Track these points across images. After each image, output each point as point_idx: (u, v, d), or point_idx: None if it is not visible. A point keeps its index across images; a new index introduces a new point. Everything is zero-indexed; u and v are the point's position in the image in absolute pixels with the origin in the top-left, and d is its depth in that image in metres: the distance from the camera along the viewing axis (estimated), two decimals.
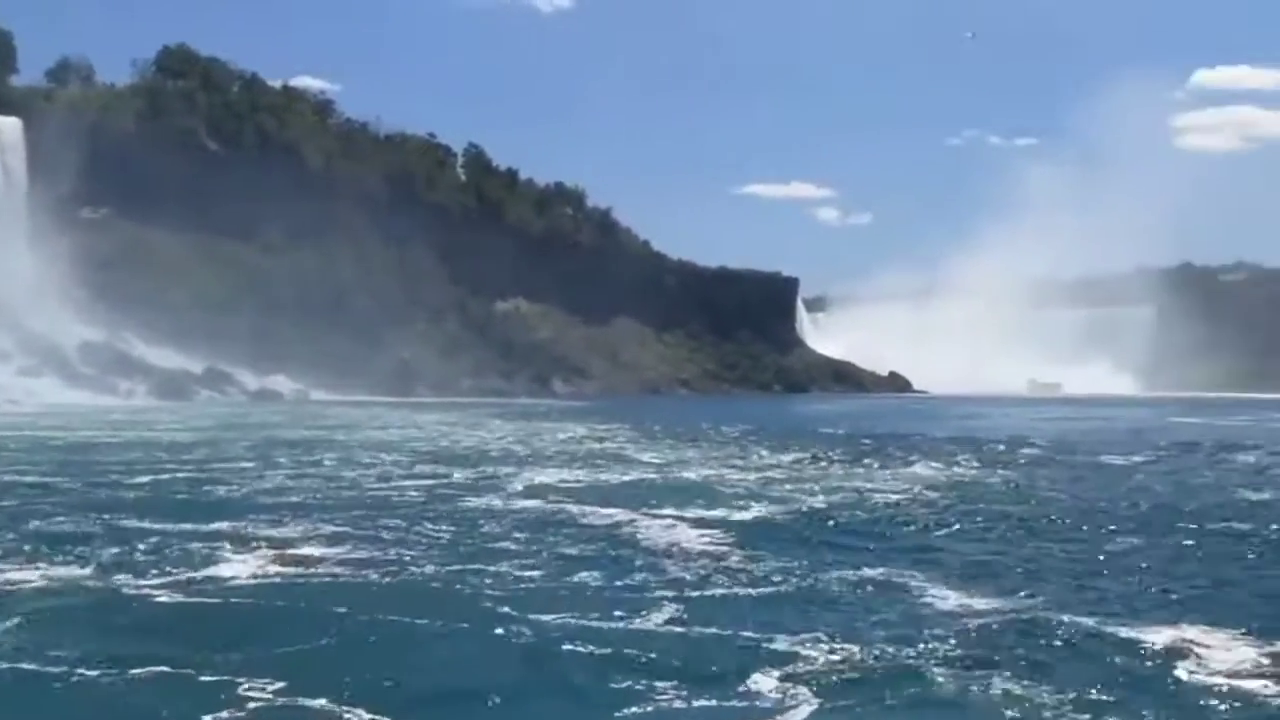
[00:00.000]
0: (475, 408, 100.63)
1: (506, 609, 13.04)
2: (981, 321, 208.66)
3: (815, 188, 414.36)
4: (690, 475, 30.56)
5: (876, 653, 11.15)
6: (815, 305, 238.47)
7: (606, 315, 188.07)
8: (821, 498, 24.62)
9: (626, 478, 30.04)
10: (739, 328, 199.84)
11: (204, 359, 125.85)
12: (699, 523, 20.05)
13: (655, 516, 20.97)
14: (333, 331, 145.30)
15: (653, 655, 11.02)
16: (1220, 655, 11.14)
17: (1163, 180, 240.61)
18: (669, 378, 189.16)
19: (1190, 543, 18.60)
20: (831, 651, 11.23)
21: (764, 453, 39.78)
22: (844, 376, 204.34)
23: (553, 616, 12.63)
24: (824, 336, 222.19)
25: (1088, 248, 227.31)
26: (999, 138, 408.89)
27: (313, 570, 15.70)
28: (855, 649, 11.27)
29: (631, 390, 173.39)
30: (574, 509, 22.23)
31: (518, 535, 18.92)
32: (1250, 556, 17.34)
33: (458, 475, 30.56)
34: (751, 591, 14.08)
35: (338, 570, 15.73)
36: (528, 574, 15.30)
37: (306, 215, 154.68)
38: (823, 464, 34.72)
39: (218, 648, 11.17)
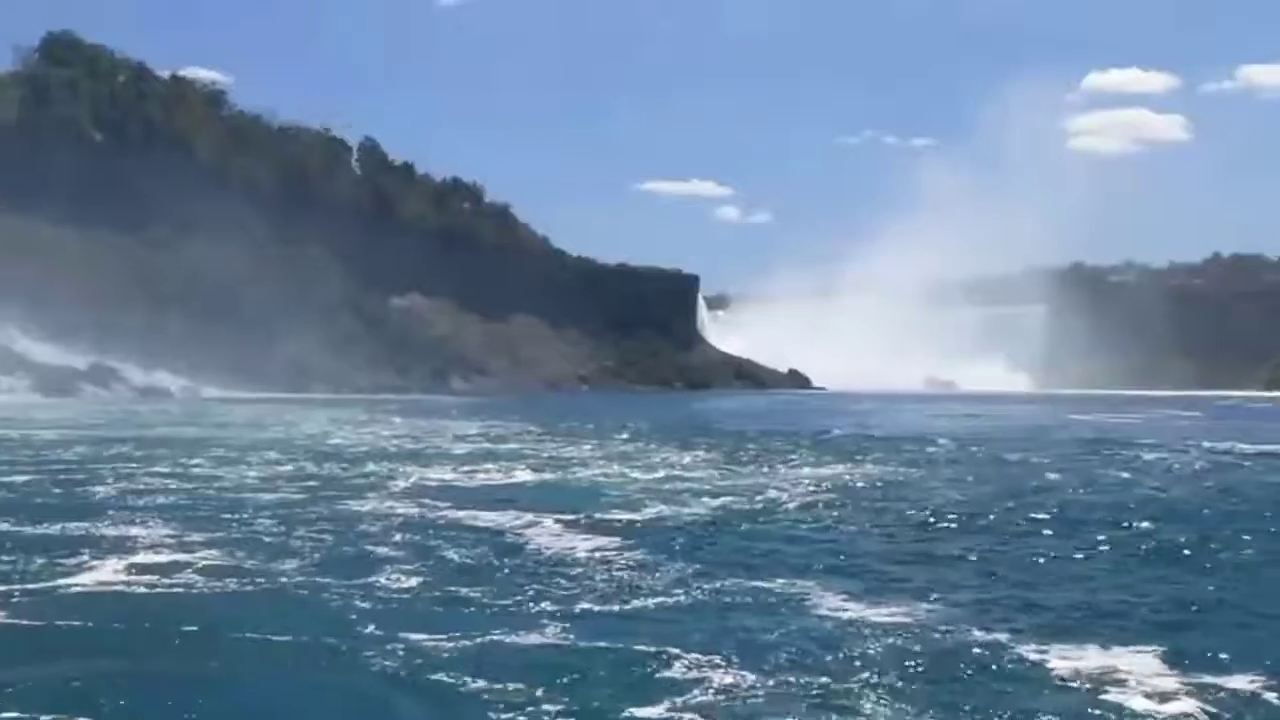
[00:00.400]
0: (370, 405, 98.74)
1: (373, 626, 11.86)
2: (880, 319, 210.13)
3: (715, 185, 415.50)
4: (587, 475, 29.49)
5: (774, 677, 10.16)
6: (716, 303, 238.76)
7: (505, 312, 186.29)
8: (722, 500, 23.65)
9: (520, 478, 28.91)
10: (640, 325, 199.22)
11: (89, 355, 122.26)
12: (593, 527, 18.95)
13: (547, 520, 19.85)
14: (224, 328, 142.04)
15: (532, 681, 9.91)
16: (1135, 680, 10.29)
17: (1056, 181, 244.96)
18: (569, 374, 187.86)
19: (1104, 549, 17.83)
20: (726, 674, 10.22)
21: (664, 451, 38.81)
22: (744, 374, 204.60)
23: (424, 635, 11.47)
24: (725, 334, 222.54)
25: (983, 247, 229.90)
26: (895, 138, 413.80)
27: (168, 580, 14.40)
28: (751, 674, 10.25)
29: (531, 387, 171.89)
30: (460, 513, 21.05)
31: (397, 540, 17.72)
32: (1168, 566, 16.50)
33: (343, 475, 29.22)
34: (643, 605, 12.99)
35: (196, 579, 14.45)
36: (402, 585, 14.12)
37: (196, 209, 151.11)
38: (725, 463, 33.80)
39: (26, 679, 9.86)
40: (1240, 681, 10.21)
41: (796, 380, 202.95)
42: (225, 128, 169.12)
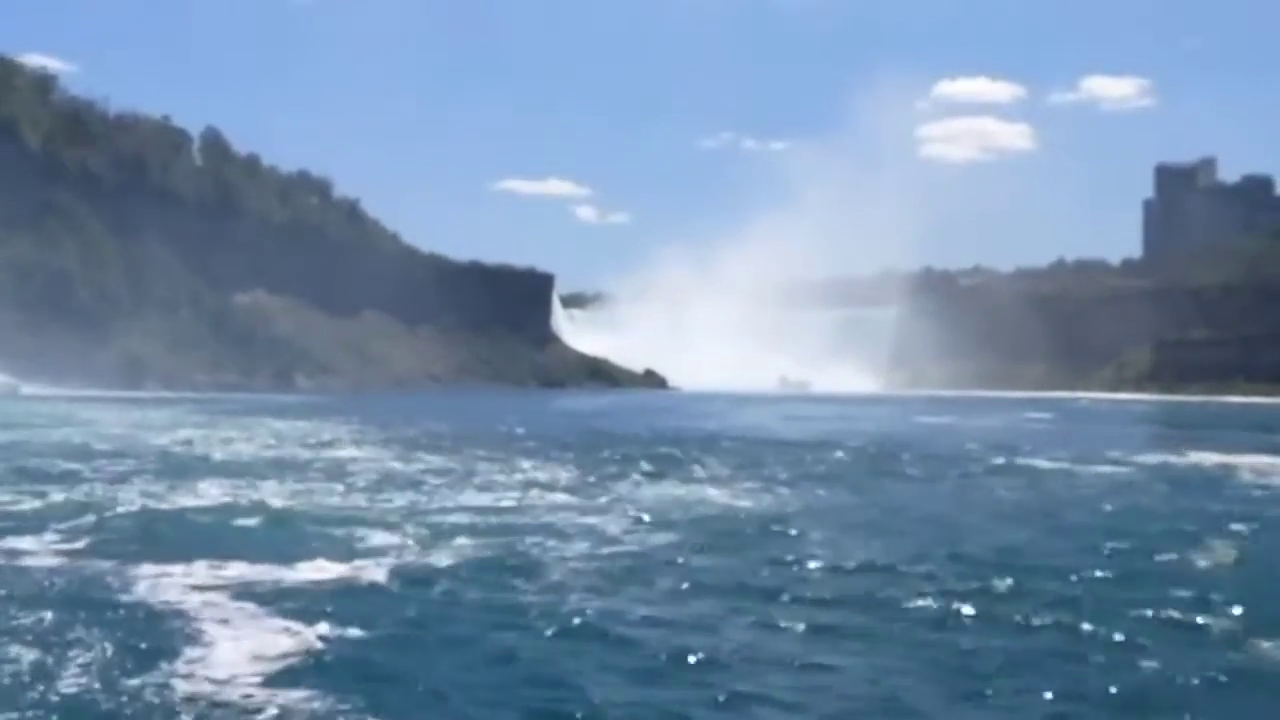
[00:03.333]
0: (203, 404, 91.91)
1: None
2: (736, 321, 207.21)
3: (573, 185, 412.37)
4: (366, 499, 23.18)
5: None
6: (573, 302, 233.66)
7: (354, 308, 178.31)
8: (510, 542, 17.40)
9: (289, 502, 22.40)
10: (493, 323, 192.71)
11: None
12: (305, 610, 12.33)
13: (265, 585, 13.62)
14: (52, 323, 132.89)
15: None
16: None
17: (907, 187, 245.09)
18: (421, 373, 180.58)
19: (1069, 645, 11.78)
20: None
21: (478, 463, 32.67)
22: (600, 373, 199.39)
23: None
24: (581, 333, 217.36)
25: (838, 251, 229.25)
26: (754, 141, 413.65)
27: None
28: None
29: (381, 386, 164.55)
30: (156, 569, 14.50)
31: (13, 626, 11.34)
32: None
33: (77, 494, 22.79)
34: None
35: None
36: None
37: (23, 199, 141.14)
38: (552, 480, 27.74)
39: None
40: None
41: (652, 380, 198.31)
42: (56, 115, 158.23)
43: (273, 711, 8.59)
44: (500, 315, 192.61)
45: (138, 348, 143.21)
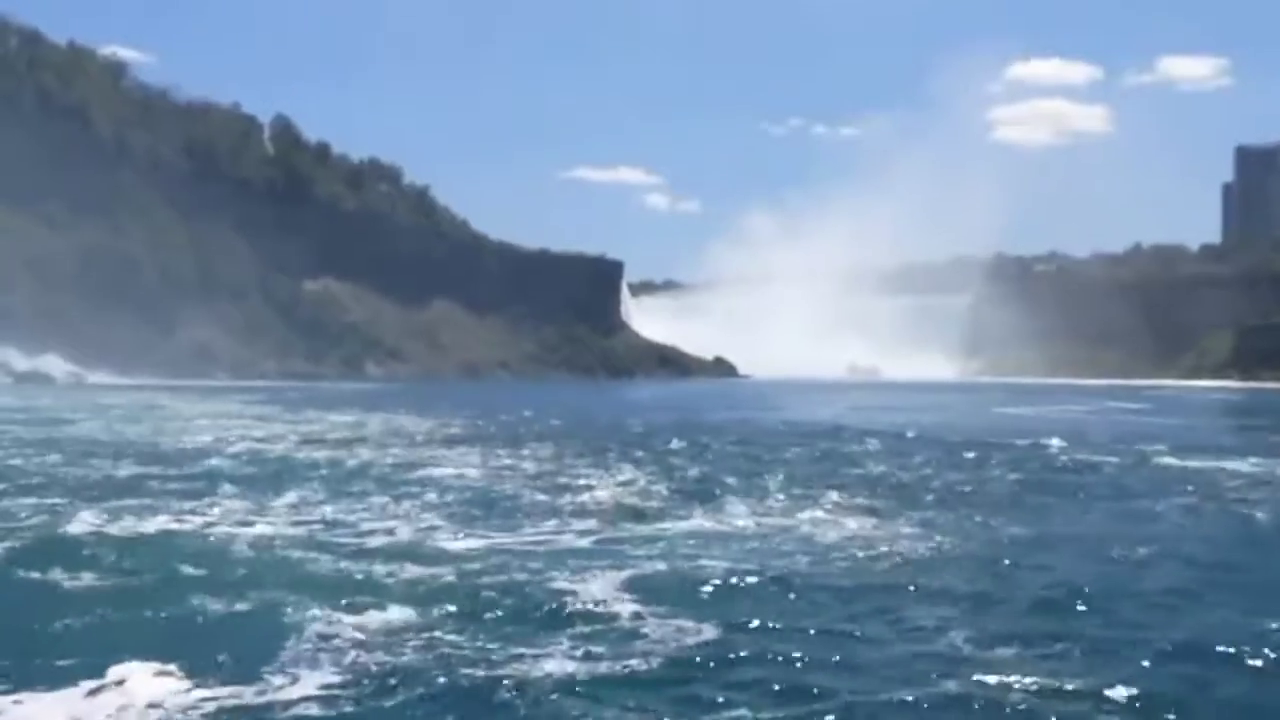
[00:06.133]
0: (265, 392, 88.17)
1: None
2: (806, 308, 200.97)
3: (643, 173, 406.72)
4: (346, 535, 17.57)
5: None
6: (643, 289, 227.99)
7: (424, 296, 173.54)
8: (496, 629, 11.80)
9: (264, 529, 16.82)
10: (561, 310, 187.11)
11: None
12: None
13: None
14: (120, 311, 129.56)
15: None
16: None
17: (980, 172, 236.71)
18: (490, 361, 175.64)
19: None
20: None
21: (515, 472, 27.09)
22: (669, 360, 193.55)
23: None
24: (650, 320, 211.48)
25: (911, 237, 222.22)
26: (824, 127, 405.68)
27: None
28: None
29: (450, 373, 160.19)
30: None
31: None
32: None
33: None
34: None
35: None
36: None
37: (94, 186, 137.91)
38: (583, 509, 22.04)
39: None
40: None
41: (722, 368, 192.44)
42: (127, 102, 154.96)
43: None
44: (569, 303, 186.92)
45: (206, 336, 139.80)
